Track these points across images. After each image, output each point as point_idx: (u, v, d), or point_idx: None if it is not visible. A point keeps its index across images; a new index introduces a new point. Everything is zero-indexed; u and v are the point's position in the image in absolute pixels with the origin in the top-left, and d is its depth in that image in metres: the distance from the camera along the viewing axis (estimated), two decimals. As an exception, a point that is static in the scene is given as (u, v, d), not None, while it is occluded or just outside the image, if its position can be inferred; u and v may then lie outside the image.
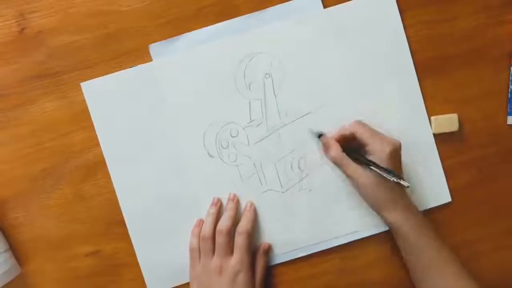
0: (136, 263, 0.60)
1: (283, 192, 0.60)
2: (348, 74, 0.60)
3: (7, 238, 0.60)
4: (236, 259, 0.56)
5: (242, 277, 0.56)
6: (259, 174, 0.60)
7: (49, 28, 0.59)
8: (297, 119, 0.60)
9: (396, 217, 0.54)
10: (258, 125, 0.60)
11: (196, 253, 0.58)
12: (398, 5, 0.60)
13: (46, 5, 0.59)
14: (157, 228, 0.60)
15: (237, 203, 0.60)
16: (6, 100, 0.60)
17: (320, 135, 0.59)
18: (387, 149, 0.54)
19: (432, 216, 0.60)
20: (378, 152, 0.54)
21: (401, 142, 0.56)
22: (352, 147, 0.57)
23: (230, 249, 0.57)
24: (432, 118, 0.60)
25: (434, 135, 0.60)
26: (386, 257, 0.61)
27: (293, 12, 0.60)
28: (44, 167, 0.60)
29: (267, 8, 0.60)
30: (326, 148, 0.58)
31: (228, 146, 0.60)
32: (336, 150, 0.57)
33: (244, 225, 0.58)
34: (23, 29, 0.59)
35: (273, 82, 0.60)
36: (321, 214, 0.60)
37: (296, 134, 0.60)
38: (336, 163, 0.57)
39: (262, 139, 0.60)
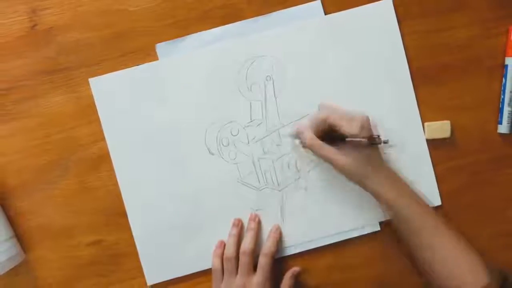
0: (136, 253, 0.62)
1: (279, 190, 0.62)
2: (346, 79, 0.62)
3: (13, 225, 0.62)
4: (260, 279, 0.58)
5: None
6: (257, 172, 0.62)
7: (60, 25, 0.61)
8: (295, 120, 0.62)
9: (378, 184, 0.56)
10: (258, 125, 0.62)
11: (218, 273, 0.60)
12: (396, 14, 0.62)
13: (57, 3, 0.61)
14: (157, 221, 0.62)
15: (259, 223, 0.62)
16: (16, 93, 0.62)
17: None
18: (357, 128, 0.54)
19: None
20: (350, 132, 0.55)
21: (395, 144, 0.59)
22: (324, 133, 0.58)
23: (252, 268, 0.59)
24: (426, 124, 0.62)
25: (427, 140, 0.62)
26: (378, 256, 0.63)
27: (295, 17, 0.62)
28: (50, 159, 0.62)
29: (271, 13, 0.62)
30: (298, 134, 0.59)
31: (228, 144, 0.62)
32: (308, 134, 0.57)
33: (269, 246, 0.60)
34: (34, 25, 0.61)
35: (273, 85, 0.62)
36: (315, 213, 0.62)
37: (294, 135, 0.62)
38: (310, 146, 0.58)
39: (262, 138, 0.62)
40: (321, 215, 0.62)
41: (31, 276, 0.62)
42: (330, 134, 0.57)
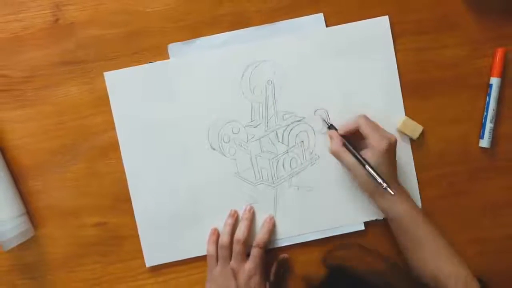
0: (137, 236, 0.66)
1: (274, 187, 0.66)
2: (341, 86, 0.66)
3: (25, 203, 0.66)
4: (251, 265, 0.62)
5: (256, 279, 0.62)
6: (254, 169, 0.66)
7: (80, 21, 0.65)
8: (292, 122, 0.66)
9: (388, 203, 0.61)
10: (258, 125, 0.66)
11: (213, 259, 0.64)
12: (392, 31, 0.66)
13: (79, 0, 0.65)
14: (159, 208, 0.66)
15: (253, 214, 0.66)
16: (36, 81, 0.65)
17: (329, 127, 0.65)
18: (384, 145, 0.59)
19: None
20: (375, 146, 0.59)
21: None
22: (354, 140, 0.63)
23: (245, 255, 0.63)
24: (404, 117, 0.66)
25: (398, 132, 0.66)
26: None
27: (298, 27, 0.66)
28: (64, 144, 0.66)
29: (276, 22, 0.66)
30: (330, 139, 0.65)
31: (229, 141, 0.66)
32: (336, 143, 0.62)
33: (262, 236, 0.64)
34: (57, 19, 0.65)
35: (274, 89, 0.66)
36: (305, 209, 0.66)
37: (291, 136, 0.66)
38: (335, 155, 0.63)
39: (260, 138, 0.66)
40: (310, 212, 0.66)
41: (39, 251, 0.66)
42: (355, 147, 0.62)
